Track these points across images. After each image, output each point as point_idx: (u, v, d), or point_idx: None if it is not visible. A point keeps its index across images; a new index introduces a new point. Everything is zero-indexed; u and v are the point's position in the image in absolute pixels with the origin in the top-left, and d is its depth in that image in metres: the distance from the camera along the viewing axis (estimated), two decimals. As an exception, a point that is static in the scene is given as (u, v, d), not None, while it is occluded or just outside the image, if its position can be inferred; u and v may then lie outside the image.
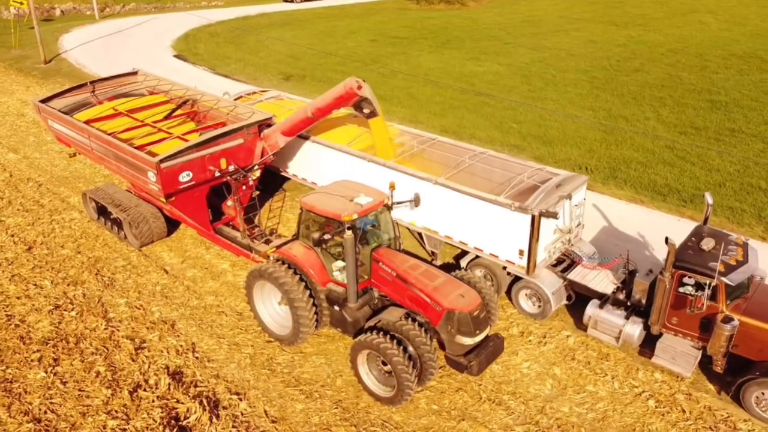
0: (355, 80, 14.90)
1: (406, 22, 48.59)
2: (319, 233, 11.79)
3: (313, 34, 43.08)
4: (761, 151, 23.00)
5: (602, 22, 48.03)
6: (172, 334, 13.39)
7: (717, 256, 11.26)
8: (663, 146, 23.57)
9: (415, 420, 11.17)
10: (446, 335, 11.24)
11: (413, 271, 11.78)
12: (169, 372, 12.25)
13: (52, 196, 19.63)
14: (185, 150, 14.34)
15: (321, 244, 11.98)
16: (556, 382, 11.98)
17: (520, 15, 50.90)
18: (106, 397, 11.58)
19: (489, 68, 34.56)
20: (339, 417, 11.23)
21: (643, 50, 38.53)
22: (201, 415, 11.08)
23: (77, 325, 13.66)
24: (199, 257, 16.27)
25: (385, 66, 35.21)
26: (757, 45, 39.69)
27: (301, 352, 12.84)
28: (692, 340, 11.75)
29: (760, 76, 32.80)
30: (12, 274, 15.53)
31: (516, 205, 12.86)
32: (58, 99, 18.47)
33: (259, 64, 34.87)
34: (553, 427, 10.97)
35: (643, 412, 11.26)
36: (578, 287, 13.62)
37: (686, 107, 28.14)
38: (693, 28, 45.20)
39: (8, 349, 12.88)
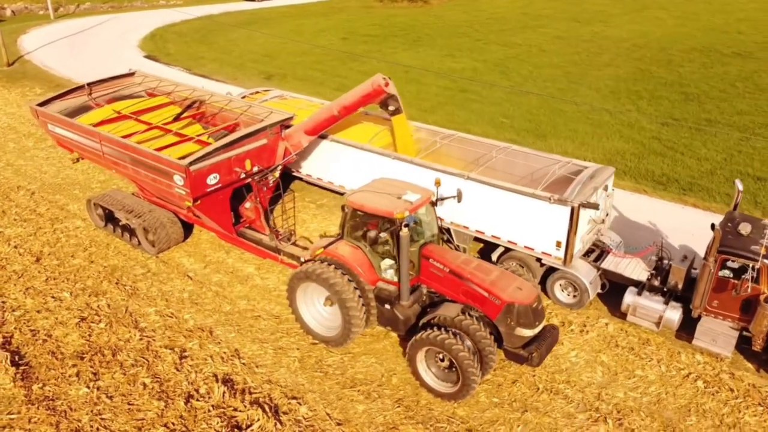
0: (382, 77, 14.86)
1: (373, 20, 48.56)
2: (375, 232, 11.70)
3: (282, 33, 42.52)
4: (740, 140, 24.07)
5: (564, 18, 49.21)
6: (212, 341, 13.05)
7: (757, 240, 11.76)
8: (650, 137, 24.39)
9: (479, 414, 11.24)
10: (505, 328, 11.33)
11: (467, 266, 11.84)
12: (218, 380, 11.92)
13: (48, 205, 18.78)
14: (213, 152, 13.97)
15: (376, 243, 11.90)
16: (605, 369, 12.27)
17: (483, 12, 51.60)
18: (159, 410, 11.20)
19: (466, 64, 34.93)
20: (403, 415, 11.20)
21: (610, 45, 39.72)
22: (264, 422, 10.83)
23: (109, 336, 13.14)
24: (221, 261, 15.89)
25: (363, 64, 35.12)
26: (712, 39, 41.48)
27: (349, 353, 12.72)
28: (732, 321, 12.23)
29: (722, 69, 34.32)
30: (25, 287, 14.80)
31: (555, 197, 13.08)
32: (54, 102, 17.68)
33: (235, 64, 34.22)
34: (612, 412, 11.24)
35: (694, 393, 11.66)
36: (612, 276, 13.96)
37: (662, 99, 29.20)
38: (650, 24, 46.86)
39: (41, 366, 12.29)
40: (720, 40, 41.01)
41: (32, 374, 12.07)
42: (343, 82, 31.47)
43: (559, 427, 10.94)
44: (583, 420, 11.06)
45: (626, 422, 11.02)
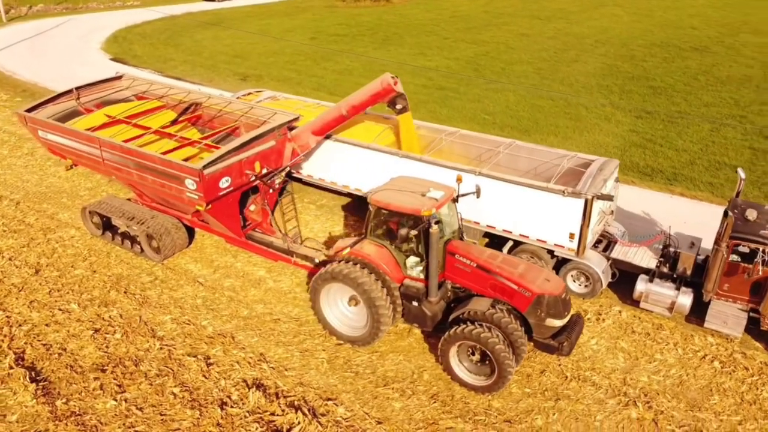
0: (390, 76, 14.95)
1: (339, 19, 48.45)
2: (406, 230, 11.78)
3: (249, 33, 41.97)
4: (711, 131, 25.15)
5: (525, 16, 50.19)
6: (235, 346, 12.88)
7: (764, 225, 12.36)
8: (627, 130, 25.21)
9: (513, 404, 11.47)
10: (535, 319, 11.58)
11: (494, 261, 12.05)
12: (249, 385, 11.78)
13: (36, 214, 18.10)
14: (225, 155, 13.76)
15: (407, 241, 11.98)
16: (626, 355, 12.69)
17: (446, 11, 52.12)
18: (194, 419, 11.01)
19: (439, 62, 35.26)
20: (440, 410, 11.32)
21: (574, 42, 40.75)
22: (306, 424, 10.78)
23: (127, 347, 12.81)
24: (230, 266, 15.67)
25: (336, 63, 35.07)
26: (669, 34, 43.10)
27: (376, 352, 12.76)
28: (742, 303, 12.82)
29: (683, 63, 35.72)
30: (28, 300, 14.27)
31: (569, 190, 13.42)
32: (42, 108, 17.06)
33: (207, 65, 33.63)
34: (640, 396, 11.64)
35: (713, 374, 12.19)
36: (622, 264, 14.40)
37: (632, 93, 30.20)
38: (609, 20, 48.31)
39: (61, 380, 11.90)
40: (676, 36, 42.64)
41: (53, 390, 11.67)
42: (320, 81, 31.37)
43: (592, 412, 11.26)
44: (614, 405, 11.41)
45: (654, 404, 11.42)
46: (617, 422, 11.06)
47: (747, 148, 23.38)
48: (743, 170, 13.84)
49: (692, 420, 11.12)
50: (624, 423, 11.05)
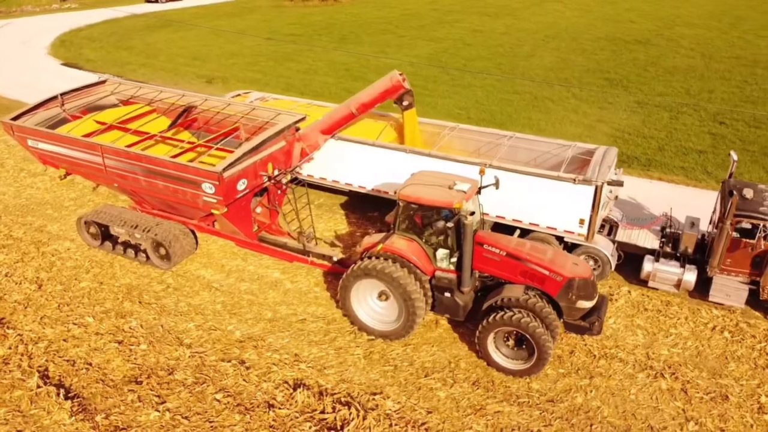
0: (399, 73, 15.16)
1: (289, 19, 48.09)
2: (442, 222, 12.05)
3: (202, 35, 41.15)
4: (671, 119, 26.60)
5: (473, 13, 51.29)
6: (268, 348, 12.82)
7: (761, 202, 13.33)
8: (594, 121, 26.33)
9: (552, 385, 11.95)
10: (566, 302, 12.08)
11: (523, 248, 12.48)
12: (292, 385, 11.78)
13: (23, 228, 17.31)
14: (242, 157, 13.63)
15: (443, 233, 12.24)
16: (644, 331, 13.41)
17: (395, 9, 52.59)
18: (244, 423, 10.95)
19: (401, 60, 35.60)
20: (484, 396, 11.67)
21: (526, 37, 42.00)
22: (360, 420, 10.89)
23: (156, 357, 12.54)
24: (242, 269, 15.50)
25: (299, 63, 34.90)
26: (611, 28, 45.05)
27: (409, 345, 12.98)
28: (744, 276, 13.77)
29: (630, 55, 37.45)
30: (37, 316, 13.70)
31: (580, 178, 14.03)
32: (27, 116, 16.34)
33: (167, 69, 32.76)
34: (665, 368, 12.36)
35: (725, 343, 13.06)
36: (626, 247, 15.16)
37: (590, 85, 31.47)
38: (553, 16, 50.00)
39: (94, 396, 11.54)
40: (618, 29, 44.61)
41: (89, 406, 11.31)
42: (287, 81, 31.18)
43: (625, 387, 11.87)
44: (644, 378, 12.07)
45: (680, 375, 12.16)
46: (650, 394, 11.71)
47: (706, 133, 24.87)
48: (735, 153, 14.78)
49: (716, 387, 11.91)
50: (656, 394, 11.71)
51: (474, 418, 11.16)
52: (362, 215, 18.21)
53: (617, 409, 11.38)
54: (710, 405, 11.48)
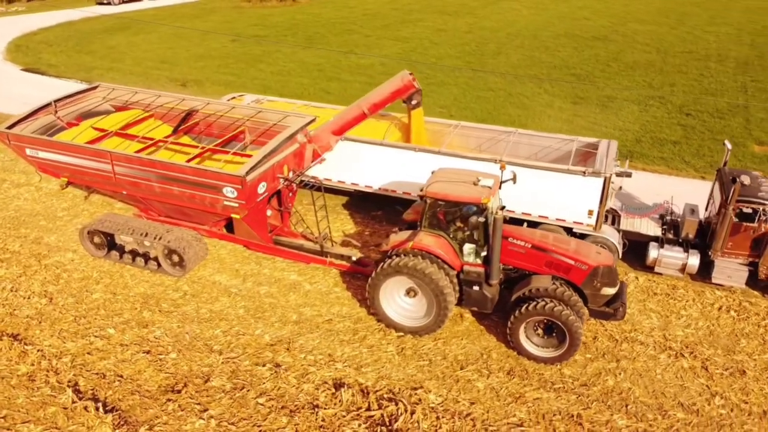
0: (408, 72, 15.37)
1: (250, 20, 47.55)
2: (476, 218, 12.34)
3: (164, 37, 40.29)
4: (641, 112, 27.76)
5: (433, 12, 51.91)
6: (300, 350, 12.84)
7: (758, 188, 14.19)
8: (570, 115, 27.20)
9: (582, 370, 12.42)
10: (591, 290, 12.58)
11: (547, 240, 12.92)
12: (333, 385, 11.86)
13: (18, 240, 16.69)
14: (262, 160, 13.59)
15: (477, 228, 12.52)
16: (657, 314, 14.07)
17: (356, 9, 52.68)
18: (293, 425, 10.96)
19: (373, 60, 35.84)
20: (521, 384, 12.04)
21: (489, 35, 42.86)
22: (408, 415, 11.06)
23: (188, 365, 12.38)
24: (257, 273, 15.40)
25: (270, 64, 34.66)
26: (568, 26, 46.46)
27: (439, 339, 13.22)
28: (743, 258, 14.61)
29: (592, 52, 38.76)
30: (54, 330, 13.29)
31: (590, 170, 14.59)
32: (21, 125, 15.80)
33: (137, 72, 31.96)
34: (683, 348, 13.02)
35: (732, 321, 13.86)
36: (630, 235, 15.83)
37: (559, 81, 32.42)
38: (511, 15, 51.15)
39: (133, 408, 11.32)
40: (575, 27, 46.05)
41: (129, 418, 11.09)
42: (263, 83, 30.93)
43: (650, 368, 12.46)
44: (666, 359, 12.70)
45: (697, 354, 12.85)
46: (674, 373, 12.34)
47: (676, 125, 26.08)
48: (729, 142, 15.64)
49: (732, 363, 12.64)
50: (680, 372, 12.34)
51: (515, 405, 11.50)
52: (366, 215, 18.34)
53: (647, 389, 11.93)
54: (730, 380, 12.17)
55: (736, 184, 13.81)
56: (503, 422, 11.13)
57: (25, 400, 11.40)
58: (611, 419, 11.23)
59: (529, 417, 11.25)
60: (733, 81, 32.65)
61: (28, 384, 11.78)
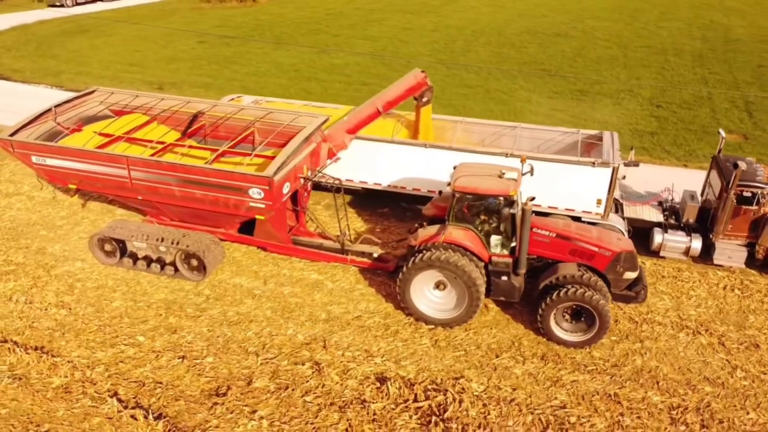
0: (420, 71, 15.64)
1: (213, 21, 46.81)
2: (508, 209, 12.71)
3: (127, 40, 39.31)
4: (615, 105, 28.83)
5: (396, 11, 52.22)
6: (337, 347, 12.95)
7: (755, 173, 15.09)
8: (549, 109, 28.02)
9: (610, 352, 12.98)
10: (614, 275, 13.15)
11: (570, 229, 13.43)
12: (377, 380, 12.04)
13: (21, 252, 16.14)
14: (287, 160, 13.62)
15: (507, 221, 12.89)
16: (669, 296, 14.79)
17: (318, 9, 52.50)
18: (345, 420, 11.09)
19: (347, 60, 35.91)
20: (555, 369, 12.49)
21: (456, 33, 43.48)
22: (456, 405, 11.34)
23: (227, 368, 12.33)
24: (277, 274, 15.38)
25: (244, 66, 34.31)
26: (529, 23, 47.57)
27: (469, 329, 13.55)
28: (743, 240, 15.49)
29: (557, 48, 39.86)
30: (80, 341, 12.99)
31: (599, 161, 15.20)
32: (22, 131, 15.34)
33: (108, 76, 31.10)
34: (698, 327, 13.75)
35: (738, 299, 14.70)
36: (634, 222, 16.54)
37: (531, 77, 33.28)
38: (472, 12, 51.96)
39: (180, 413, 11.24)
40: (536, 24, 47.21)
41: (180, 424, 10.99)
42: (241, 84, 30.62)
43: (672, 346, 13.13)
44: (684, 337, 13.39)
45: (712, 331, 13.60)
46: (695, 349, 13.04)
47: (650, 116, 27.23)
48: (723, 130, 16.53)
49: (746, 337, 13.44)
50: (700, 349, 13.05)
51: (555, 389, 11.94)
52: (373, 212, 18.51)
53: (673, 366, 12.57)
54: (747, 353, 12.95)
55: (738, 170, 14.64)
56: (547, 405, 11.53)
57: (65, 413, 11.13)
58: (646, 396, 11.79)
59: (570, 399, 11.69)
60: (693, 73, 34.21)
61: (65, 396, 11.51)
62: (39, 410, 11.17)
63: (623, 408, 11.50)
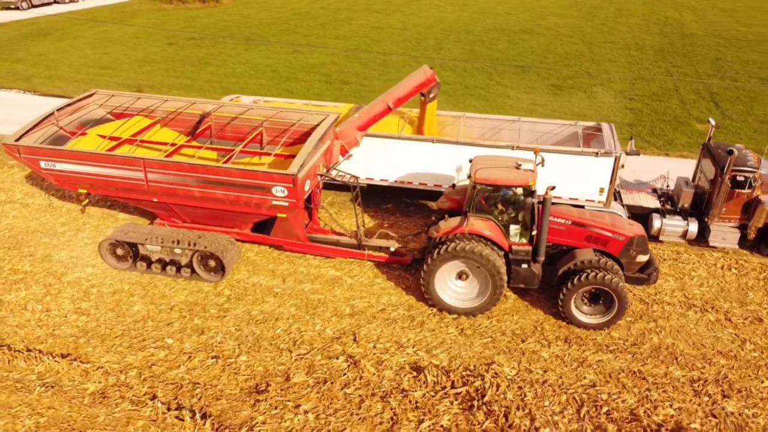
0: (429, 67, 15.95)
1: (180, 22, 46.04)
2: (531, 199, 13.16)
3: (94, 42, 38.36)
4: (589, 98, 29.81)
5: (362, 10, 52.41)
6: (367, 340, 13.16)
7: (746, 158, 15.99)
8: (530, 104, 28.79)
9: (627, 331, 13.60)
10: (627, 259, 13.78)
11: (584, 216, 13.99)
12: (412, 369, 12.32)
13: (27, 260, 15.73)
14: (308, 157, 13.75)
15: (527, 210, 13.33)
16: (672, 277, 15.54)
17: (284, 9, 52.26)
18: (390, 408, 11.34)
19: (322, 59, 35.96)
20: (580, 350, 13.02)
21: (425, 32, 44.00)
22: (494, 389, 11.72)
23: (262, 365, 12.42)
24: (295, 272, 15.46)
25: (219, 67, 33.96)
26: (495, 21, 48.51)
27: (492, 317, 13.96)
28: (735, 222, 16.37)
29: (526, 44, 40.84)
30: (106, 346, 12.83)
31: (602, 151, 15.85)
32: (26, 136, 15.01)
33: (81, 80, 30.35)
34: (704, 304, 14.53)
35: (736, 277, 15.57)
36: (632, 209, 17.27)
37: (505, 73, 34.08)
38: (437, 11, 52.64)
39: (225, 412, 11.28)
40: (501, 21, 48.20)
41: (226, 422, 11.03)
42: (221, 86, 30.37)
43: (684, 324, 13.84)
44: (693, 315, 14.14)
45: (718, 308, 14.39)
46: (705, 326, 13.79)
47: (625, 108, 28.29)
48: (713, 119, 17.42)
49: (749, 313, 14.27)
50: (710, 325, 13.81)
51: (583, 369, 12.46)
52: (377, 208, 18.73)
53: (687, 342, 13.27)
54: (753, 327, 13.77)
55: (733, 156, 15.49)
56: (578, 385, 12.03)
57: (106, 418, 11.02)
58: (668, 371, 12.43)
59: (598, 377, 12.23)
60: (657, 67, 35.64)
61: (103, 401, 11.38)
62: (78, 417, 11.02)
63: (649, 383, 12.09)
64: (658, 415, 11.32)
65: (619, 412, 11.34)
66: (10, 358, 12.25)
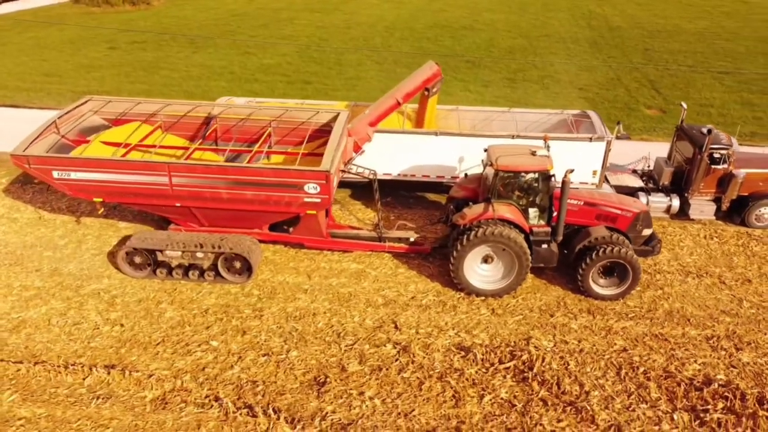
0: (435, 62, 16.56)
1: (112, 25, 44.20)
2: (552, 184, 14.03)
3: (26, 49, 36.46)
4: (543, 90, 31.36)
5: (301, 10, 52.19)
6: (408, 327, 13.64)
7: (719, 137, 17.62)
8: (494, 97, 29.93)
9: (639, 300, 14.79)
10: (634, 233, 14.97)
11: (593, 196, 15.07)
12: (460, 349, 12.93)
13: (35, 275, 15.11)
14: (335, 154, 14.06)
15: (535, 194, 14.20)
16: (665, 249, 16.88)
17: (220, 10, 51.28)
18: (450, 388, 11.89)
19: (276, 60, 35.81)
20: (603, 320, 14.05)
21: (369, 30, 44.52)
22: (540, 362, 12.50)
23: (314, 359, 12.67)
24: (317, 268, 15.69)
25: (173, 71, 33.19)
26: (434, 18, 49.67)
27: (516, 297, 14.77)
28: (711, 195, 17.97)
29: (470, 40, 42.19)
30: (150, 353, 12.67)
31: (595, 136, 17.03)
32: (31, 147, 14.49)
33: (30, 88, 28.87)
34: (699, 271, 15.96)
35: (719, 245, 17.14)
36: (619, 189, 18.59)
37: (459, 69, 35.14)
38: (376, 10, 53.16)
39: (293, 405, 11.48)
40: (439, 18, 49.45)
41: (297, 415, 11.25)
42: (182, 89, 29.78)
43: (686, 289, 15.19)
44: (692, 281, 15.53)
45: (711, 273, 15.86)
46: (705, 289, 15.19)
47: (578, 98, 29.99)
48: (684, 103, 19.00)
49: (737, 275, 15.82)
50: (708, 289, 15.23)
51: (610, 336, 13.49)
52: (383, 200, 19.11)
53: (694, 305, 14.60)
54: (745, 287, 15.30)
55: (711, 135, 17.03)
56: (611, 351, 13.03)
57: (175, 423, 10.98)
58: (684, 332, 13.66)
59: (627, 342, 13.28)
60: (595, 58, 37.82)
61: (165, 407, 11.30)
62: (145, 424, 10.92)
63: (671, 344, 13.26)
64: (687, 370, 12.45)
65: (654, 371, 12.38)
66: (55, 373, 11.87)
